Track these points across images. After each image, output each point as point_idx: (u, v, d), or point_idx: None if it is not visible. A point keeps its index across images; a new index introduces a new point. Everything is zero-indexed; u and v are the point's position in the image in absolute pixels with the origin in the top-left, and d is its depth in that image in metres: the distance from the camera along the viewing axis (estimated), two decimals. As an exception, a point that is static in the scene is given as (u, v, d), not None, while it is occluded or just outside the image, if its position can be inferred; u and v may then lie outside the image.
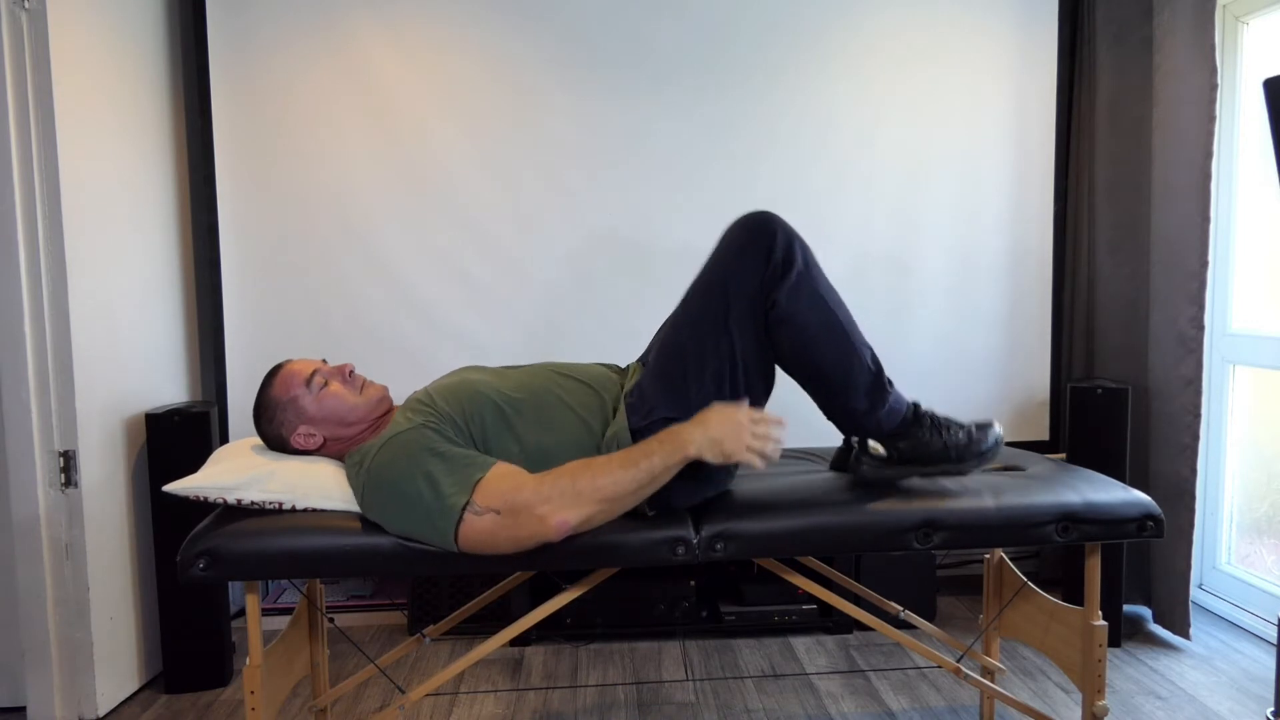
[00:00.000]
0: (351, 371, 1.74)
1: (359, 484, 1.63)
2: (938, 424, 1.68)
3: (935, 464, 1.68)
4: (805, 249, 1.65)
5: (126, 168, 2.48)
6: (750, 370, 1.67)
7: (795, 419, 2.85)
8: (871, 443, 1.72)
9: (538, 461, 1.66)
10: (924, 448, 1.67)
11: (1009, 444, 2.95)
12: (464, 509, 1.52)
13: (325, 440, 1.72)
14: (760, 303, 1.63)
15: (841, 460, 1.86)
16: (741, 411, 1.57)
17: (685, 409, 1.63)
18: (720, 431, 1.55)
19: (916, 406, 1.70)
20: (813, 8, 2.83)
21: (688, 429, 1.56)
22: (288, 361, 1.76)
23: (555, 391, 1.74)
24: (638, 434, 1.65)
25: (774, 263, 1.61)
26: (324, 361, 1.77)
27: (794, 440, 2.84)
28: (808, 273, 1.63)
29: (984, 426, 1.69)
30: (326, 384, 1.71)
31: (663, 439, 1.57)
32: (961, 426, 1.68)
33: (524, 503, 1.52)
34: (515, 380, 1.76)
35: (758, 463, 1.56)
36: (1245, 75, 2.74)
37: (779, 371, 1.75)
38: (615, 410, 1.73)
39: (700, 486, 1.70)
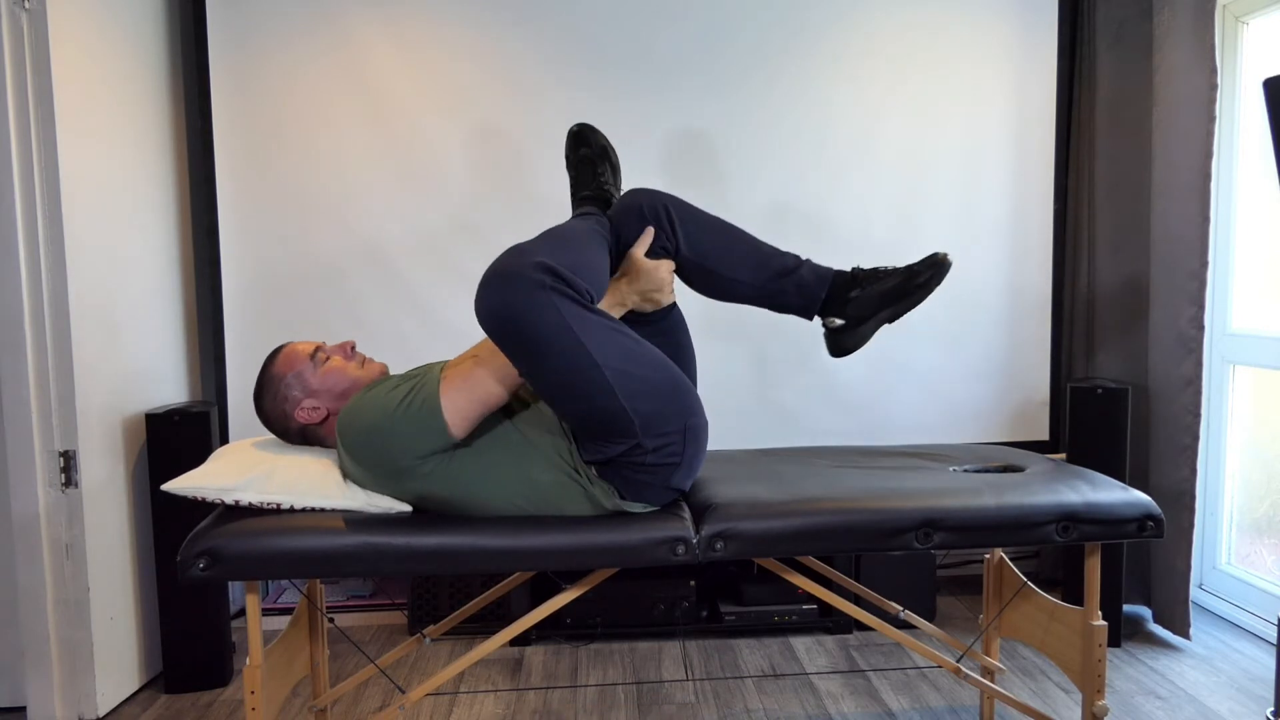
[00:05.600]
0: (354, 348, 1.78)
1: (341, 445, 1.63)
2: (871, 274, 1.77)
3: (886, 308, 1.76)
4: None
5: (126, 168, 2.48)
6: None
7: (795, 420, 2.86)
8: (828, 320, 1.81)
9: (528, 454, 1.66)
10: (868, 301, 1.77)
11: (1009, 444, 2.95)
12: (439, 390, 1.56)
13: (328, 413, 1.72)
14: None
15: (831, 344, 1.87)
16: (660, 269, 1.75)
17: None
18: (650, 284, 1.75)
19: (854, 270, 1.79)
20: (813, 8, 2.83)
21: (623, 289, 1.75)
22: (289, 342, 1.82)
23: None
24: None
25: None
26: (324, 343, 1.80)
27: (794, 440, 2.84)
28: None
29: (921, 260, 1.76)
30: (329, 359, 1.74)
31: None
32: (893, 271, 1.77)
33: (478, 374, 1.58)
34: None
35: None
36: (1245, 75, 2.74)
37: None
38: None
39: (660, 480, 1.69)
